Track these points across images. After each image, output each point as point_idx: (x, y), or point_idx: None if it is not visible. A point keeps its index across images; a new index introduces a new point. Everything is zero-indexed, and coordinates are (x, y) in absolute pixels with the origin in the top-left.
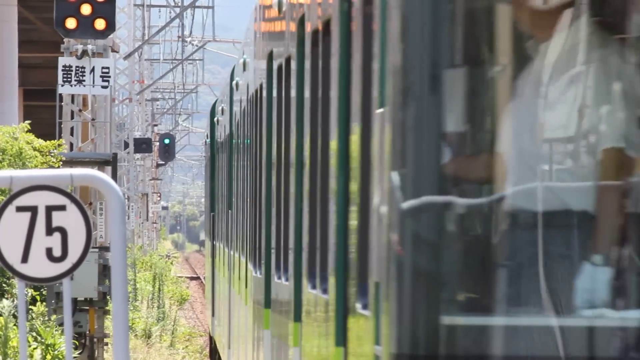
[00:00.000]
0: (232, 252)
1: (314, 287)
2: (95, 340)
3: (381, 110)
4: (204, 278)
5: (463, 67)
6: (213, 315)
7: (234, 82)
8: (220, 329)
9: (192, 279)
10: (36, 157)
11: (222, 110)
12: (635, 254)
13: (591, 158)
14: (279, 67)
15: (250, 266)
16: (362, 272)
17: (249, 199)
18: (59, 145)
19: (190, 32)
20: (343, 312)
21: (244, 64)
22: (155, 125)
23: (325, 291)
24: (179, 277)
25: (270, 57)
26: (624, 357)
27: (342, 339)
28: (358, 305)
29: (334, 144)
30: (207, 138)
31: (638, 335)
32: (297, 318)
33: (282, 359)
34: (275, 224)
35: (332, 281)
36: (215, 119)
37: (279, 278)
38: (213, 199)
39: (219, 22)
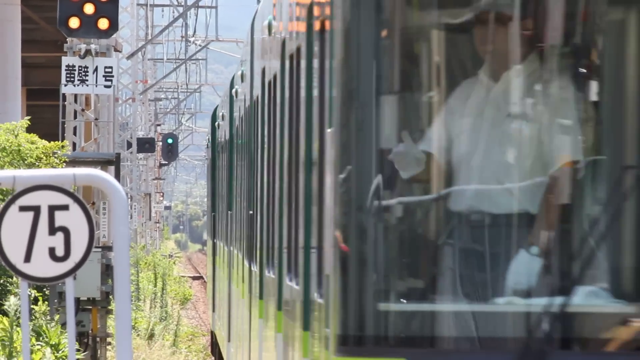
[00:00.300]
0: (231, 250)
1: (290, 279)
2: (98, 339)
3: (330, 129)
4: (207, 277)
5: (391, 95)
6: (214, 311)
7: (233, 90)
8: (221, 323)
9: (194, 278)
10: (38, 157)
11: (223, 115)
12: (545, 250)
13: (498, 167)
14: (269, 83)
15: (246, 262)
16: (319, 267)
17: (245, 200)
18: (63, 146)
19: (194, 32)
20: (307, 302)
21: (242, 75)
22: (159, 125)
23: (297, 283)
24: (182, 276)
25: (263, 73)
26: (529, 337)
27: (307, 324)
28: (316, 295)
29: (302, 156)
30: (209, 142)
31: (542, 318)
32: (279, 307)
33: (271, 346)
34: (264, 223)
35: (300, 274)
36: (216, 123)
37: (269, 272)
38: (214, 200)
39: (222, 21)
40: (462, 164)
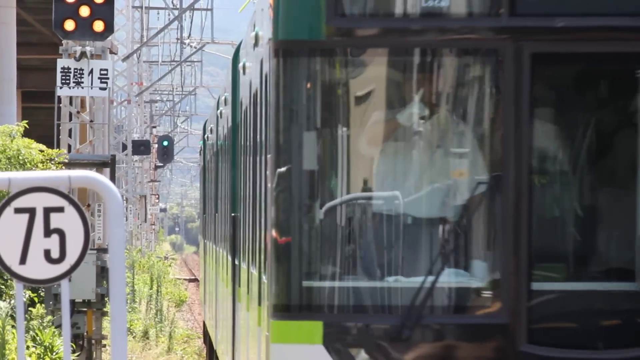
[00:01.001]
0: (216, 247)
1: (252, 268)
2: (93, 342)
3: (269, 155)
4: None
5: (313, 130)
6: (205, 303)
7: (218, 111)
8: (210, 313)
9: (190, 280)
10: (37, 164)
11: (211, 129)
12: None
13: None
14: (245, 111)
15: (229, 256)
16: (265, 257)
17: (227, 204)
18: (61, 154)
19: (189, 34)
20: (260, 283)
21: (225, 100)
22: (154, 127)
23: (255, 270)
24: (177, 279)
25: (241, 102)
26: (410, 305)
27: (260, 300)
28: (264, 278)
29: (258, 173)
30: (201, 150)
31: (419, 291)
32: (248, 291)
33: (244, 323)
34: (239, 223)
35: (256, 264)
36: (206, 136)
37: (242, 264)
38: (205, 204)
39: (218, 24)
40: (361, 177)
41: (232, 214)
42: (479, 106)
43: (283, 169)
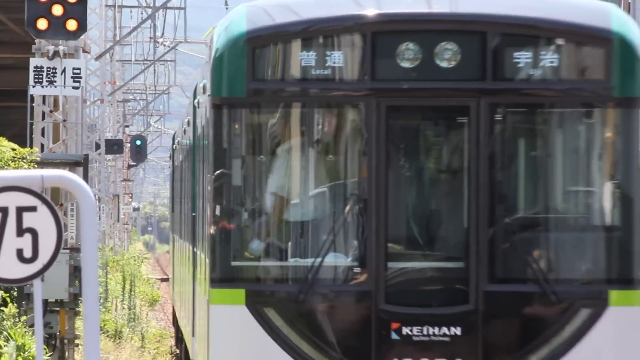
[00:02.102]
0: (182, 240)
1: (202, 254)
2: (66, 341)
3: (208, 174)
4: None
5: (238, 158)
6: (173, 289)
7: (183, 129)
8: (177, 295)
9: (163, 280)
10: (7, 162)
11: (178, 142)
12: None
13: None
14: (199, 135)
15: (190, 246)
16: (208, 241)
17: (188, 204)
18: (32, 152)
19: (162, 33)
20: (204, 264)
21: (188, 122)
22: (127, 126)
23: (203, 255)
24: (150, 277)
25: (197, 128)
26: (306, 277)
27: (204, 276)
28: (208, 260)
29: (206, 185)
30: (171, 155)
31: (306, 269)
32: (200, 271)
33: (199, 296)
34: (195, 220)
35: (204, 249)
36: (174, 145)
37: (197, 251)
38: (173, 204)
39: (191, 23)
40: (270, 189)
41: (193, 214)
42: (352, 140)
43: (217, 184)
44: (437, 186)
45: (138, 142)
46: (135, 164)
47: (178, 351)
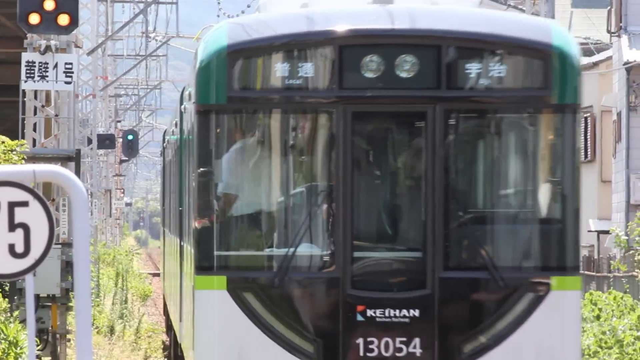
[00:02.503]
0: (170, 233)
1: (189, 245)
2: (57, 336)
3: (193, 173)
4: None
5: (219, 158)
6: (164, 280)
7: (171, 129)
8: (167, 284)
9: (155, 275)
10: None
11: (168, 141)
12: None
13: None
14: (185, 138)
15: (177, 239)
16: (193, 234)
17: (176, 200)
18: (22, 145)
19: (154, 28)
20: (190, 254)
21: (176, 123)
22: (119, 121)
23: (190, 246)
24: (142, 272)
25: (184, 131)
26: (282, 263)
27: (190, 265)
28: (193, 251)
29: (192, 183)
30: (161, 153)
31: (283, 257)
32: (188, 261)
33: (186, 282)
34: (181, 214)
35: (190, 242)
36: (165, 143)
37: (183, 243)
38: (164, 198)
39: (183, 17)
40: (247, 187)
41: (180, 208)
42: (322, 142)
43: (203, 182)
44: (398, 184)
45: (130, 137)
46: (127, 159)
47: (168, 340)
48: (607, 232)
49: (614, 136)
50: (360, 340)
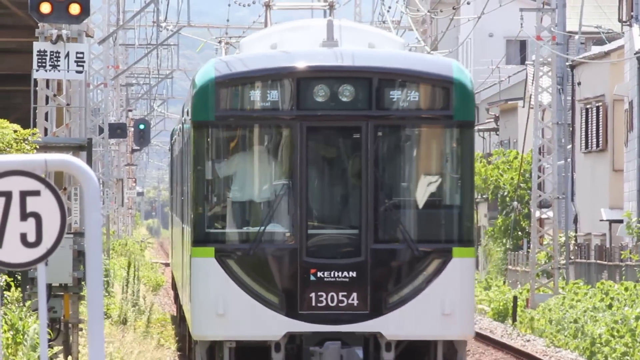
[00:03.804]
0: (177, 217)
1: (187, 226)
2: (70, 326)
3: (190, 172)
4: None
5: (209, 161)
6: (172, 256)
7: (176, 135)
8: (174, 259)
9: (167, 265)
10: (9, 143)
11: (175, 140)
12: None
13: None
14: (186, 142)
15: (181, 222)
16: (191, 216)
17: (179, 190)
18: (34, 133)
19: (165, 17)
20: (189, 232)
21: (180, 129)
22: (130, 110)
23: (188, 226)
24: (154, 262)
25: (184, 136)
26: (255, 238)
27: (191, 242)
28: (190, 230)
29: (189, 181)
30: (169, 148)
31: (257, 235)
32: (187, 239)
33: (186, 255)
34: (183, 203)
35: (188, 222)
36: (172, 140)
37: (184, 225)
38: (172, 188)
39: (194, 7)
40: (231, 184)
41: (182, 198)
42: (285, 149)
43: (197, 177)
44: (341, 180)
45: (141, 126)
46: (138, 148)
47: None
48: (619, 221)
49: (625, 125)
50: (312, 294)
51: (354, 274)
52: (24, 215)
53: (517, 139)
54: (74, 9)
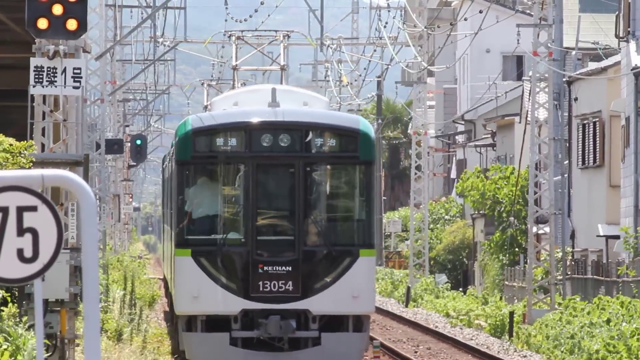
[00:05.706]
0: (166, 227)
1: (173, 231)
2: (66, 341)
3: (175, 199)
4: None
5: (190, 188)
6: (163, 259)
7: (167, 162)
8: (164, 261)
9: (164, 280)
10: (7, 159)
11: (166, 166)
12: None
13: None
14: (172, 172)
15: (170, 229)
16: (174, 227)
17: (168, 205)
18: (30, 146)
19: (162, 33)
20: (173, 237)
21: (170, 157)
22: (127, 126)
23: (173, 233)
24: (151, 278)
25: (173, 164)
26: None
27: (175, 245)
28: (174, 236)
29: (173, 205)
30: (161, 171)
31: (224, 241)
32: (174, 243)
33: (172, 256)
34: (171, 215)
35: (172, 229)
36: (164, 166)
37: (171, 230)
38: (163, 204)
39: (191, 22)
40: (207, 206)
41: (170, 211)
42: (242, 179)
43: (179, 199)
44: (281, 201)
45: (138, 142)
46: (135, 163)
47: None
48: (616, 237)
49: (622, 141)
50: (260, 282)
51: (290, 268)
52: (21, 231)
53: (514, 155)
54: (71, 24)
